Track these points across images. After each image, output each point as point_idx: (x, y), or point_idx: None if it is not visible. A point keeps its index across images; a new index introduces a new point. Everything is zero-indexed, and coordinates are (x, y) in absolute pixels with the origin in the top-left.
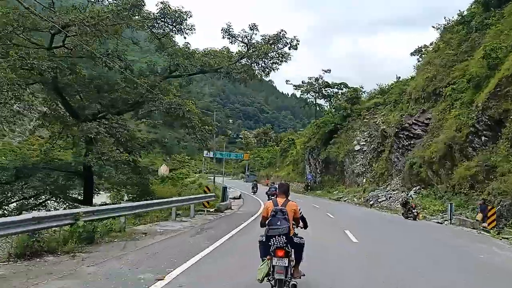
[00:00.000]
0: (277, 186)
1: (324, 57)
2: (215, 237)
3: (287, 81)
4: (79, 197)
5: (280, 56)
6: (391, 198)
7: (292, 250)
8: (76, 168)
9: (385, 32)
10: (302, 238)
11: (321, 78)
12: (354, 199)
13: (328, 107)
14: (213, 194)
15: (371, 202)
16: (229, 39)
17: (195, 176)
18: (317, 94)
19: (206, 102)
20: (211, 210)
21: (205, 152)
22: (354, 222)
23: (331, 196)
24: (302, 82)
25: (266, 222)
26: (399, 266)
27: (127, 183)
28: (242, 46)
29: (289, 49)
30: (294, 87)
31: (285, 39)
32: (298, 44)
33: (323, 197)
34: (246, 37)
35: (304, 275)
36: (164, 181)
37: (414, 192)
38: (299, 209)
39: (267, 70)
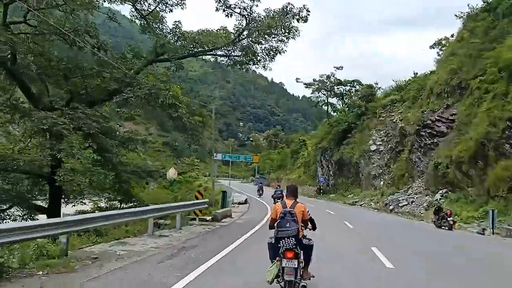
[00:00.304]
0: (282, 189)
1: (334, 57)
2: (195, 263)
3: (297, 79)
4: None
5: (287, 31)
6: (413, 203)
7: (301, 251)
8: (40, 169)
9: (395, 31)
10: (311, 240)
11: (333, 76)
12: (371, 203)
13: (341, 105)
14: (206, 200)
15: (390, 207)
16: (225, 10)
17: (204, 180)
18: (328, 93)
19: (216, 105)
20: (208, 218)
21: (214, 154)
22: (379, 234)
23: (345, 200)
24: (313, 80)
25: (275, 224)
26: None
27: (105, 188)
28: (241, 19)
29: (298, 21)
30: (305, 85)
31: (292, 12)
32: (309, 15)
33: (337, 201)
34: (246, 8)
35: (313, 276)
36: (173, 185)
37: (441, 196)
38: (308, 211)
39: (272, 53)
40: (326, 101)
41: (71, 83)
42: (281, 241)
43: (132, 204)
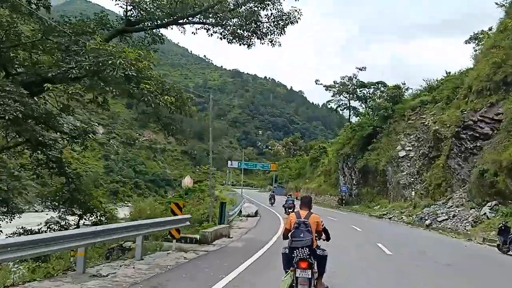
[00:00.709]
0: (293, 199)
1: (357, 64)
2: None
3: (316, 81)
4: None
5: None
6: (455, 217)
7: (315, 262)
8: None
9: (421, 38)
10: (325, 250)
11: (355, 78)
12: (402, 216)
13: (364, 108)
14: (188, 216)
15: (427, 222)
16: None
17: (220, 188)
18: (350, 96)
19: (235, 114)
20: (193, 236)
21: (229, 162)
22: (436, 268)
23: (371, 212)
24: (334, 82)
25: (289, 234)
26: None
27: (52, 195)
28: None
29: None
30: (325, 87)
31: None
32: None
33: (361, 213)
34: None
35: (327, 287)
36: (188, 194)
37: (490, 210)
38: (321, 221)
39: (282, 22)
40: (348, 104)
41: None
42: (295, 251)
43: (96, 218)
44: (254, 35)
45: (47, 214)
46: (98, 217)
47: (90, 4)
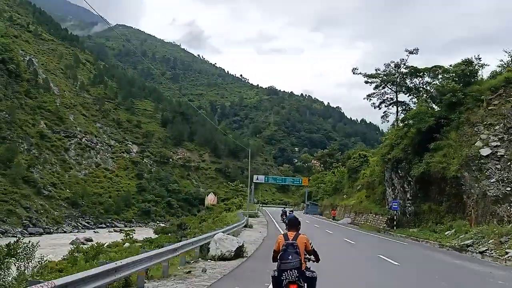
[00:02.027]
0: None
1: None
2: None
3: (354, 69)
4: None
5: None
6: None
7: (305, 284)
8: None
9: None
10: (314, 272)
11: (404, 63)
12: (507, 250)
13: (418, 101)
14: None
15: None
16: None
17: (240, 207)
18: (398, 88)
19: (271, 131)
20: None
21: (255, 177)
22: None
23: (441, 240)
24: (376, 70)
25: (278, 256)
26: None
27: None
28: None
29: None
30: (365, 77)
31: None
32: None
33: (425, 242)
34: None
35: None
36: (210, 211)
37: None
38: (310, 242)
39: None
40: (394, 98)
41: None
42: (283, 274)
43: None
44: None
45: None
46: None
47: (131, 30)
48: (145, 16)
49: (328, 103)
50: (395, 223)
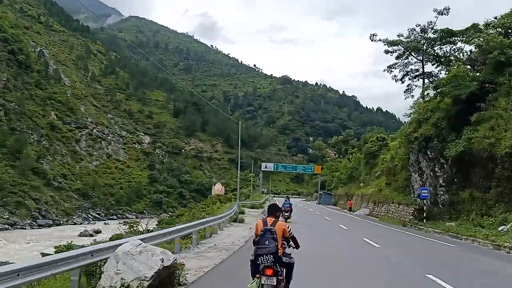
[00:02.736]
0: (291, 203)
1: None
2: None
3: (372, 35)
4: None
5: None
6: None
7: (283, 269)
8: None
9: None
10: (292, 258)
11: (432, 27)
12: None
13: (455, 61)
14: None
15: None
16: None
17: (254, 195)
18: (423, 57)
19: (284, 121)
20: None
21: (263, 165)
22: None
23: (493, 238)
24: (399, 36)
25: (254, 241)
26: None
27: None
28: None
29: None
30: (386, 45)
31: None
32: None
33: (468, 239)
34: None
35: None
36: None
37: None
38: (289, 228)
39: None
40: (420, 69)
41: None
42: (259, 258)
43: None
44: None
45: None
46: None
47: (144, 21)
48: (158, 8)
49: (344, 91)
50: (424, 214)
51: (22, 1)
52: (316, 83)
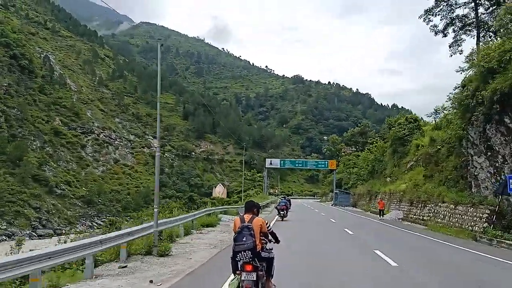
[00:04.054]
0: (286, 200)
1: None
2: None
3: None
4: None
5: None
6: None
7: (264, 264)
8: None
9: None
10: (272, 253)
11: None
12: None
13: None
14: None
15: None
16: None
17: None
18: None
19: (298, 120)
20: None
21: (268, 161)
22: None
23: None
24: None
25: (232, 239)
26: None
27: None
28: None
29: None
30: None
31: None
32: None
33: None
34: None
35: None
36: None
37: None
38: (266, 223)
39: None
40: (472, 18)
41: None
42: (238, 255)
43: None
44: None
45: None
46: None
47: (154, 27)
48: (170, 13)
49: (357, 89)
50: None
51: (28, 8)
52: (329, 82)
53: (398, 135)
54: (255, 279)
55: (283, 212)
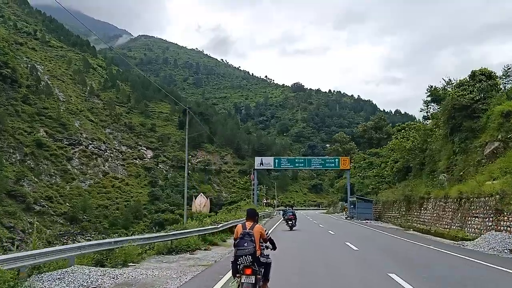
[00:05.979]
0: (293, 211)
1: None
2: None
3: None
4: None
5: None
6: None
7: (261, 269)
8: None
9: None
10: (269, 258)
11: None
12: None
13: None
14: None
15: None
16: None
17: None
18: None
19: (299, 128)
20: None
21: (258, 159)
22: None
23: None
24: None
25: (234, 244)
26: None
27: None
28: None
29: None
30: None
31: None
32: None
33: None
34: None
35: None
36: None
37: None
38: (266, 231)
39: None
40: None
41: None
42: (239, 259)
43: None
44: None
45: None
46: None
47: (153, 39)
48: (168, 26)
49: (359, 95)
50: None
51: (18, 18)
52: (330, 90)
53: (461, 102)
54: (253, 282)
55: (291, 222)
